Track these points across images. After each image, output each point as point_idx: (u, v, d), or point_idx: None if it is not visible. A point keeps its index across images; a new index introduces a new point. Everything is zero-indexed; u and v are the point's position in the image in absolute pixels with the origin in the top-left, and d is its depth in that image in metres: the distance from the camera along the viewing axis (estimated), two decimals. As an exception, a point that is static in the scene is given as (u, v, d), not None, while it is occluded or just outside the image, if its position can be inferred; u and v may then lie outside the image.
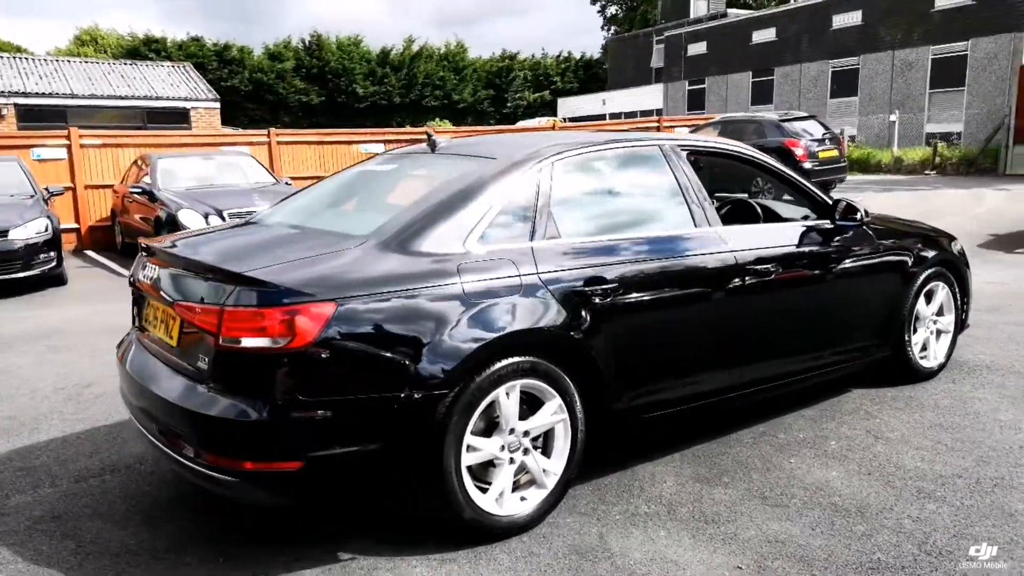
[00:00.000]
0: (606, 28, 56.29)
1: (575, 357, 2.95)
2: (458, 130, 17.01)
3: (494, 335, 2.69)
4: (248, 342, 2.43)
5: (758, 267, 3.49)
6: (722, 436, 3.77)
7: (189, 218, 8.96)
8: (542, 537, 2.87)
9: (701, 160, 3.64)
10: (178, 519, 3.08)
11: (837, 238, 3.91)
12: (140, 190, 10.04)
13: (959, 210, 13.24)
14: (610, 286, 3.01)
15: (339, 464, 2.51)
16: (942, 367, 4.60)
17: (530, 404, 2.91)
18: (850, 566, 2.63)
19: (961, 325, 4.72)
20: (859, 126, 27.03)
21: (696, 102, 33.78)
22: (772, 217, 4.28)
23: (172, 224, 9.00)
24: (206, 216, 9.02)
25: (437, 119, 40.69)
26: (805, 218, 4.07)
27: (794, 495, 3.16)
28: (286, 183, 10.92)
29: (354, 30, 70.43)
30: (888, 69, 26.33)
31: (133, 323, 3.35)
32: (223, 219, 8.98)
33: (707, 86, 33.44)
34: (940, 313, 4.58)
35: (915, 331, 4.39)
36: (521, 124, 33.97)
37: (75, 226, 12.21)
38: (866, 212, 3.93)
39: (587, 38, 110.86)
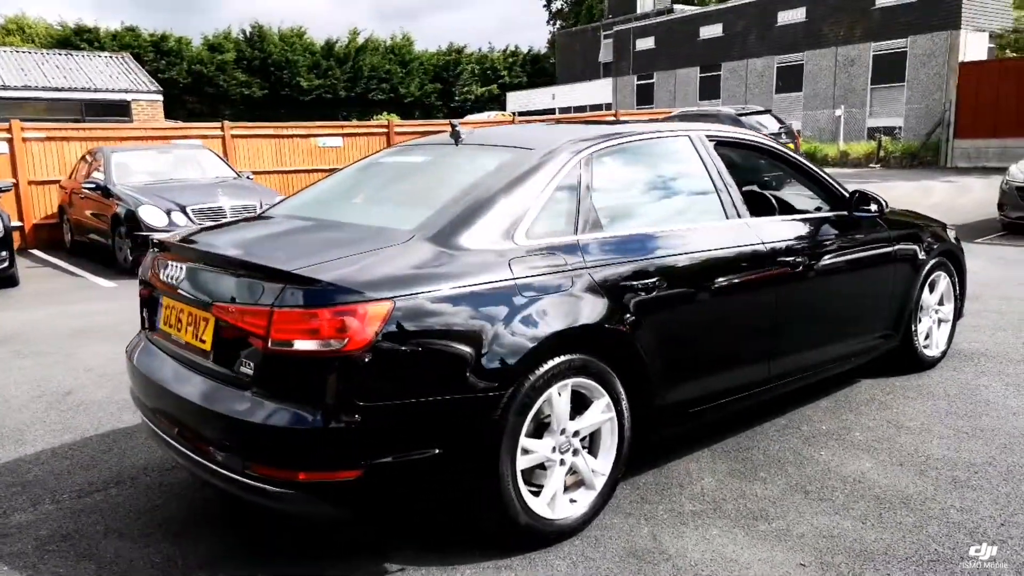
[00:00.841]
0: (551, 22, 56.40)
1: (622, 352, 2.86)
2: (418, 123, 16.72)
3: (549, 332, 2.58)
4: (301, 345, 2.27)
5: (788, 258, 3.46)
6: (746, 430, 3.74)
7: (150, 215, 8.57)
8: (594, 540, 2.78)
9: (725, 151, 3.58)
10: (202, 533, 2.89)
11: (856, 229, 3.93)
12: (93, 186, 9.56)
13: (911, 202, 13.55)
14: (653, 279, 2.93)
15: (396, 472, 2.37)
16: (943, 355, 4.68)
17: (575, 403, 2.82)
18: (911, 560, 2.61)
19: (958, 314, 4.81)
20: (804, 121, 27.67)
21: (645, 96, 34.12)
22: (784, 207, 4.27)
23: (132, 221, 8.60)
24: (168, 212, 8.65)
25: (384, 113, 40.13)
26: (818, 209, 4.07)
27: (834, 488, 3.14)
28: (247, 177, 10.57)
29: (295, 22, 68.85)
30: (832, 65, 27.01)
31: (143, 325, 3.13)
32: (187, 215, 8.63)
33: (656, 81, 33.80)
34: (940, 302, 4.65)
35: (919, 320, 4.44)
36: (470, 118, 33.71)
37: (18, 224, 11.58)
38: (885, 203, 3.95)
39: (533, 32, 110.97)
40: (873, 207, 3.96)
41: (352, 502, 2.38)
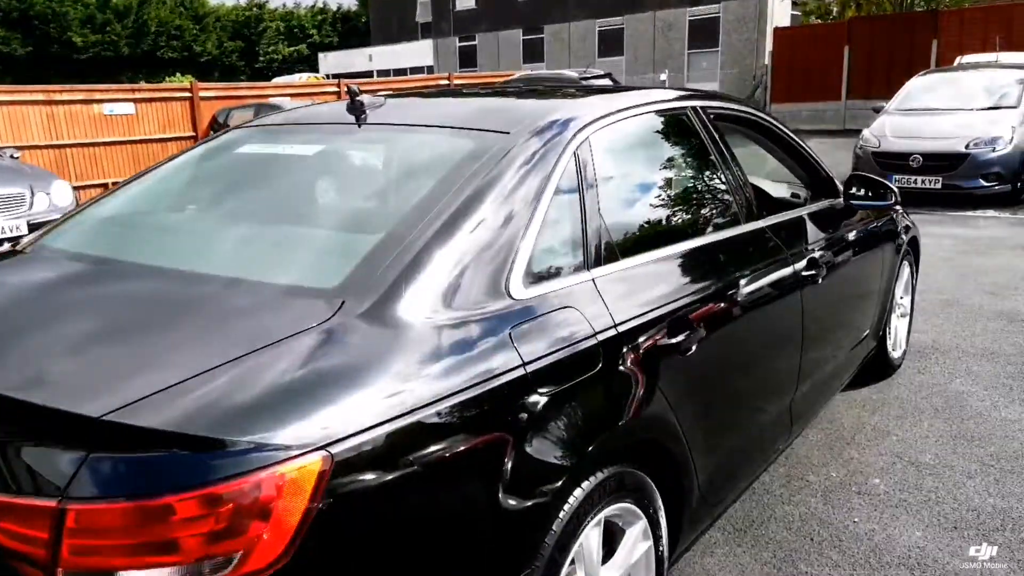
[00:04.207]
0: (360, -21, 53.42)
1: (661, 448, 1.86)
2: (229, 86, 14.46)
3: (582, 446, 1.53)
4: (134, 576, 1.04)
5: (810, 271, 2.61)
6: (746, 487, 2.90)
7: None
8: None
9: (722, 127, 2.64)
10: None
11: (853, 221, 3.17)
12: None
13: (750, 170, 13.69)
14: (694, 330, 1.94)
15: None
16: (904, 355, 4.11)
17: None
18: None
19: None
20: (627, 85, 27.89)
21: (468, 59, 33.00)
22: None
23: None
24: None
25: (178, 74, 36.07)
26: (796, 196, 3.28)
27: (906, 581, 2.35)
28: (12, 156, 8.37)
29: (63, -31, 60.15)
30: (650, 29, 27.31)
31: None
32: (-75, 209, 6.53)
33: (478, 43, 32.75)
34: (901, 295, 4.06)
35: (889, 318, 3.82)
36: (279, 81, 31.00)
37: None
38: (897, 195, 3.21)
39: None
40: (860, 192, 3.21)
41: None
